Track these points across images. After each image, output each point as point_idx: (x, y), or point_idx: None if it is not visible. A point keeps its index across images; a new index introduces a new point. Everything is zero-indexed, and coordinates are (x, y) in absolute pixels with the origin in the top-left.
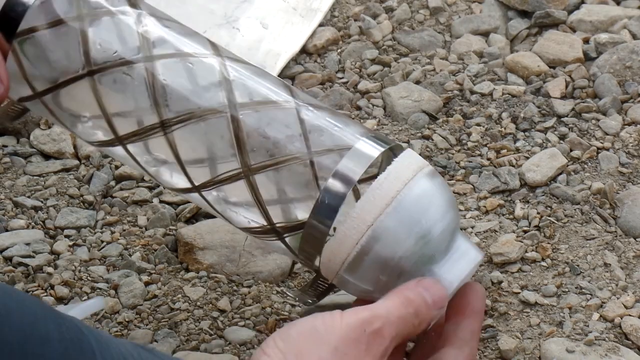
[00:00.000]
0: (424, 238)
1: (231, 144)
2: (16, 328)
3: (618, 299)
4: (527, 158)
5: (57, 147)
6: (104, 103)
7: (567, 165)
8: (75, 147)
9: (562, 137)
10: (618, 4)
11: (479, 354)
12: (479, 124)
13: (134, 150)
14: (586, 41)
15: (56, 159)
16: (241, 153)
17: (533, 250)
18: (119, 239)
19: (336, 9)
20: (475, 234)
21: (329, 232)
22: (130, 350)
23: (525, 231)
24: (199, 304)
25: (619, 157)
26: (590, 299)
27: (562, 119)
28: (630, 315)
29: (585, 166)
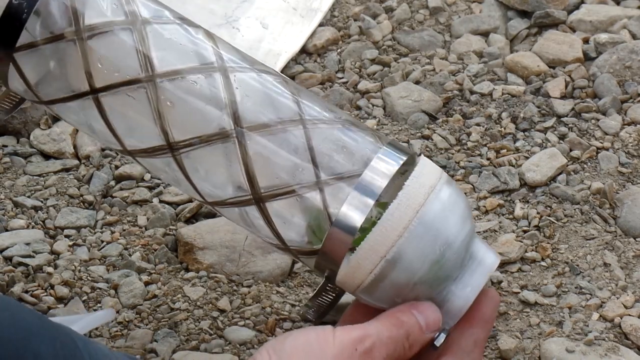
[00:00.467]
0: (438, 263)
1: (240, 170)
2: (8, 344)
3: (618, 298)
4: (526, 158)
5: (57, 147)
6: (111, 122)
7: (567, 165)
8: (75, 147)
9: (562, 137)
10: (618, 4)
11: None
12: (478, 124)
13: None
14: (586, 41)
15: (56, 159)
16: (250, 181)
17: (533, 250)
18: (119, 239)
19: (336, 9)
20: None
21: (341, 263)
22: None
23: (525, 231)
24: (199, 303)
25: (618, 157)
26: (590, 298)
27: (561, 119)
28: (630, 315)
29: (585, 166)
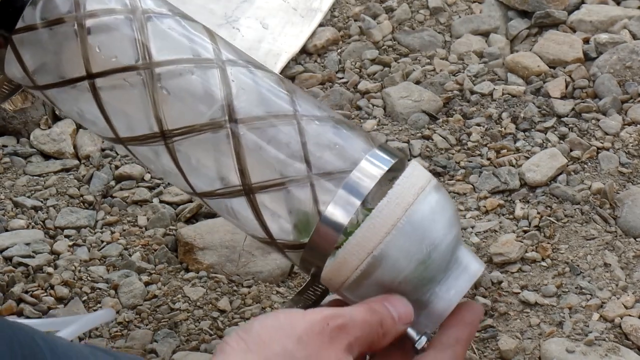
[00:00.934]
0: (424, 263)
1: (232, 161)
2: None
3: (618, 299)
4: (527, 158)
5: (57, 147)
6: (105, 108)
7: (567, 165)
8: (75, 147)
9: (562, 137)
10: (618, 4)
11: (479, 354)
12: (479, 124)
13: (134, 149)
14: (586, 41)
15: (56, 159)
16: (242, 172)
17: (533, 250)
18: (119, 239)
19: (336, 9)
20: (475, 234)
21: (327, 259)
22: (87, 354)
23: (525, 231)
24: (199, 304)
25: (619, 157)
26: (590, 299)
27: (562, 119)
28: (630, 316)
29: (585, 166)
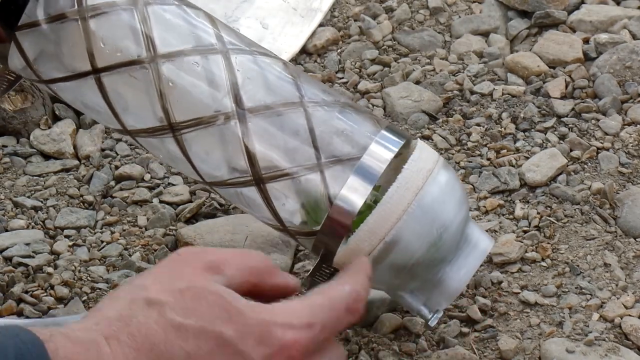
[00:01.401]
0: (435, 245)
1: (241, 152)
2: None
3: (618, 299)
4: (527, 158)
5: (57, 147)
6: (112, 102)
7: (567, 165)
8: (75, 147)
9: (562, 137)
10: (618, 4)
11: (479, 354)
12: (478, 124)
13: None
14: (586, 41)
15: (56, 159)
16: (251, 162)
17: (533, 251)
18: (119, 239)
19: (336, 9)
20: None
21: (339, 247)
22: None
23: (525, 231)
24: None
25: (619, 157)
26: (590, 299)
27: (562, 119)
28: (630, 316)
29: (585, 166)
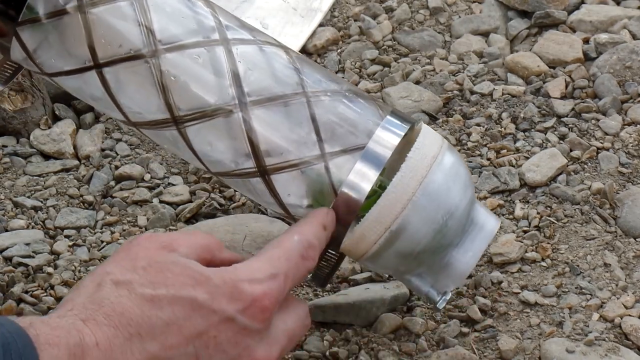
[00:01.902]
0: (441, 232)
1: (244, 144)
2: None
3: (618, 299)
4: (527, 158)
5: (57, 147)
6: (115, 95)
7: (567, 166)
8: (75, 147)
9: (562, 137)
10: (618, 4)
11: (479, 354)
12: (478, 124)
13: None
14: (586, 41)
15: (56, 159)
16: (255, 154)
17: (533, 251)
18: (119, 239)
19: (336, 9)
20: None
21: (346, 234)
22: None
23: (525, 231)
24: None
25: (618, 157)
26: (590, 299)
27: (562, 119)
28: (630, 316)
29: (585, 166)
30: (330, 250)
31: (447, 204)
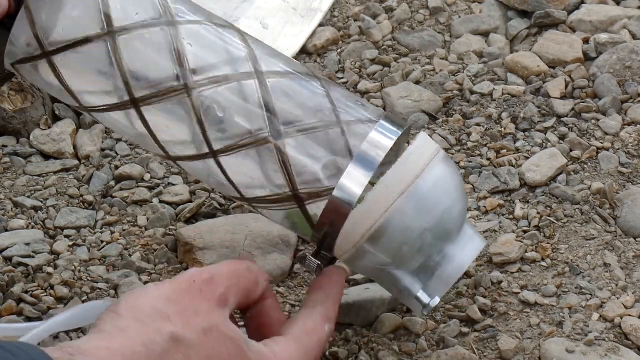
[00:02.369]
0: (447, 212)
1: (260, 108)
2: None
3: (618, 299)
4: (527, 158)
5: (57, 147)
6: (123, 64)
7: (567, 166)
8: (75, 147)
9: (562, 137)
10: (618, 4)
11: (479, 354)
12: (478, 124)
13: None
14: (586, 41)
15: (56, 159)
16: (270, 118)
17: (533, 251)
18: (118, 239)
19: (336, 9)
20: None
21: (357, 200)
22: None
23: (525, 231)
24: None
25: (619, 157)
26: (590, 299)
27: (562, 119)
28: (630, 316)
29: (585, 166)
30: (323, 252)
31: (453, 188)
